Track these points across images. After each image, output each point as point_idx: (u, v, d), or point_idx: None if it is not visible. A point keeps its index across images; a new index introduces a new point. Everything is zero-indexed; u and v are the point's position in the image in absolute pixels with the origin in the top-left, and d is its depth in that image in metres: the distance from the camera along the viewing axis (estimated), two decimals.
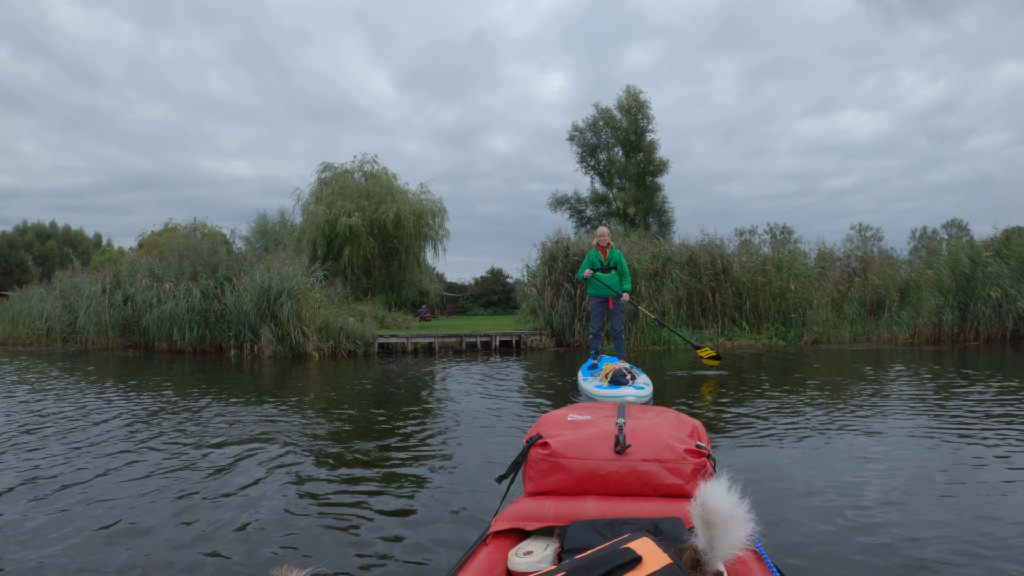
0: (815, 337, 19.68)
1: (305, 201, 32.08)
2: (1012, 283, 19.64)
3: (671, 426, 3.08)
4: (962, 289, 19.84)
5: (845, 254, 23.29)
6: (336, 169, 32.32)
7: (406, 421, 7.60)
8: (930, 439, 6.09)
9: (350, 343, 18.39)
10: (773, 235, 45.27)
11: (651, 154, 42.74)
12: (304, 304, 18.16)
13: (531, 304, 21.00)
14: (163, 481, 5.06)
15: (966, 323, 19.55)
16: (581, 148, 44.71)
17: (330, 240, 29.32)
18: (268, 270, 19.02)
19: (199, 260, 20.97)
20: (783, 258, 21.57)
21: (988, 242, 21.62)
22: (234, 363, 15.83)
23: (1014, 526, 3.88)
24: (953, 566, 3.30)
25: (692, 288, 20.53)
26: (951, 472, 5.03)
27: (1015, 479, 4.82)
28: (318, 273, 20.74)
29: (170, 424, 7.41)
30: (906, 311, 19.92)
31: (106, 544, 3.78)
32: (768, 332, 20.17)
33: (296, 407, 8.65)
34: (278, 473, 5.30)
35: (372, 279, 30.57)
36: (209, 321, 19.04)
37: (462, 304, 54.52)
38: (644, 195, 42.38)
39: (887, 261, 22.92)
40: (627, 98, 43.19)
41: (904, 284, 21.01)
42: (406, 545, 3.76)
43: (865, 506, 4.26)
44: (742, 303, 20.76)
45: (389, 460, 5.75)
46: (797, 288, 20.73)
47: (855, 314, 20.80)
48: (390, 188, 31.20)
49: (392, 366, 14.78)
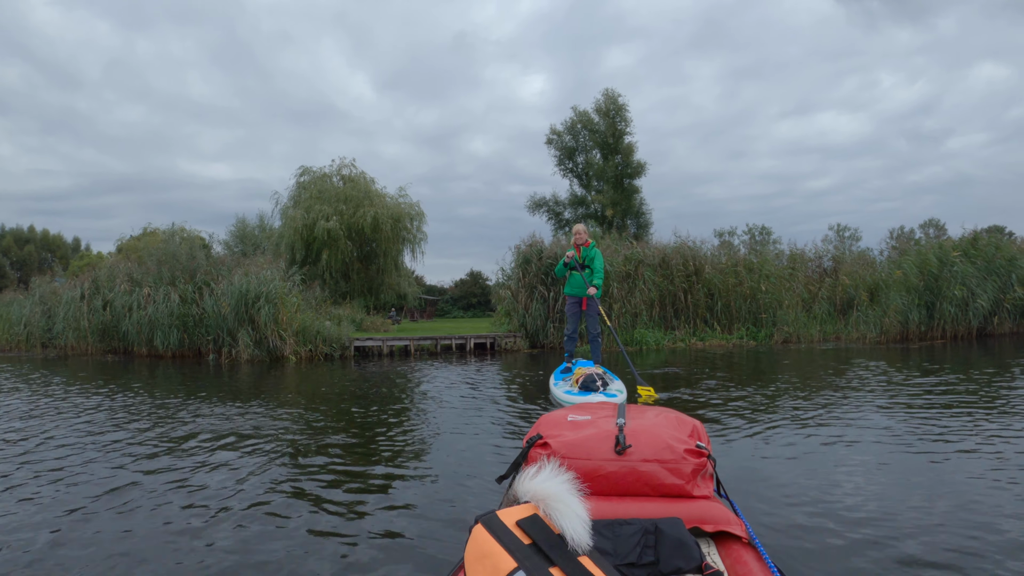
0: (785, 337, 20.30)
1: (284, 205, 32.53)
2: (977, 282, 20.30)
3: (671, 426, 3.14)
4: (929, 288, 20.44)
5: (816, 255, 24.09)
6: (314, 173, 32.74)
7: (383, 422, 7.94)
8: (899, 434, 6.41)
9: (326, 346, 18.82)
10: (752, 236, 46.25)
11: (629, 156, 43.61)
12: (281, 308, 18.59)
13: (506, 306, 21.57)
14: (140, 487, 5.13)
15: (933, 321, 20.21)
16: (559, 151, 45.60)
17: (308, 244, 29.71)
18: (246, 274, 19.39)
19: (177, 265, 21.32)
20: (754, 259, 22.21)
21: (956, 242, 22.31)
22: (212, 367, 16.22)
23: (995, 514, 4.09)
24: (951, 555, 3.45)
25: (664, 290, 21.14)
26: (926, 465, 5.29)
27: (971, 468, 5.16)
28: (295, 277, 21.19)
29: (146, 429, 7.61)
30: (873, 311, 20.59)
31: (86, 548, 3.85)
32: (739, 332, 20.80)
33: (273, 409, 9.04)
34: (261, 478, 5.40)
35: (351, 283, 31.01)
36: (188, 326, 19.40)
37: (441, 307, 54.80)
38: (622, 197, 43.19)
39: (863, 261, 23.65)
40: (605, 101, 44.08)
41: (873, 284, 21.70)
42: (396, 546, 3.85)
43: (850, 503, 4.39)
44: (714, 304, 21.39)
45: (369, 461, 5.96)
46: (768, 289, 21.37)
47: (824, 314, 21.47)
48: (368, 192, 31.66)
49: (368, 368, 15.27)
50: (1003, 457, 5.40)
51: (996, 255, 21.39)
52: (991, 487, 4.65)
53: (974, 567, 3.32)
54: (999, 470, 5.05)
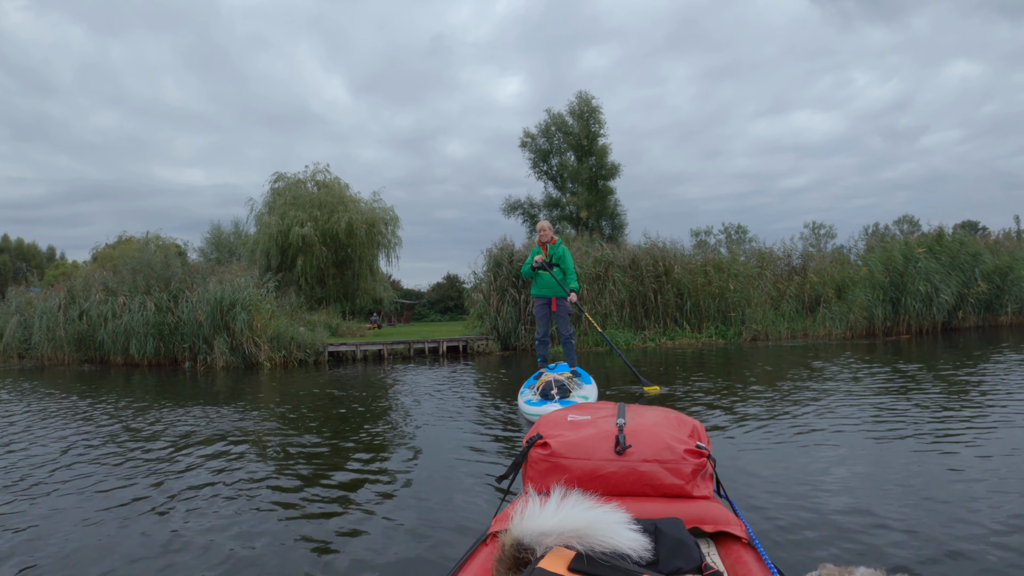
0: (753, 335, 20.86)
1: (258, 211, 32.88)
2: (941, 278, 20.98)
3: (671, 426, 3.15)
4: (894, 285, 21.08)
5: (784, 253, 24.79)
6: (289, 179, 33.11)
7: (357, 426, 8.25)
8: (872, 427, 6.72)
9: (301, 352, 19.28)
10: (728, 235, 47.05)
11: (603, 158, 44.45)
12: (256, 315, 19.06)
13: (478, 309, 22.13)
14: (113, 495, 5.23)
15: (898, 317, 20.90)
16: (533, 154, 46.29)
17: (284, 250, 30.07)
18: (221, 282, 19.84)
19: (152, 273, 21.65)
20: (724, 252, 22.86)
21: (921, 239, 23.06)
22: (189, 374, 16.63)
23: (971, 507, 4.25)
24: (952, 549, 3.54)
25: (634, 290, 21.71)
26: (904, 456, 5.54)
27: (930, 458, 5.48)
28: (270, 284, 21.62)
29: (119, 437, 7.80)
30: (840, 307, 21.28)
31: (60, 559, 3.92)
32: (708, 331, 21.35)
33: (246, 412, 9.50)
34: (240, 482, 5.53)
35: (326, 288, 31.41)
36: (163, 334, 19.77)
37: (419, 310, 55.03)
38: (596, 199, 44.01)
39: (838, 258, 24.37)
40: (579, 103, 44.82)
41: (841, 281, 22.39)
42: (382, 549, 3.92)
43: (841, 500, 4.50)
44: (683, 303, 21.94)
45: (344, 464, 6.15)
46: (736, 288, 21.97)
47: (793, 311, 22.15)
48: (342, 197, 32.08)
49: (342, 373, 15.78)
50: (988, 453, 5.58)
51: (960, 251, 22.08)
52: (976, 480, 4.84)
53: (973, 563, 3.40)
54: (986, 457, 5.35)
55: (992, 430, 6.30)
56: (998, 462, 5.22)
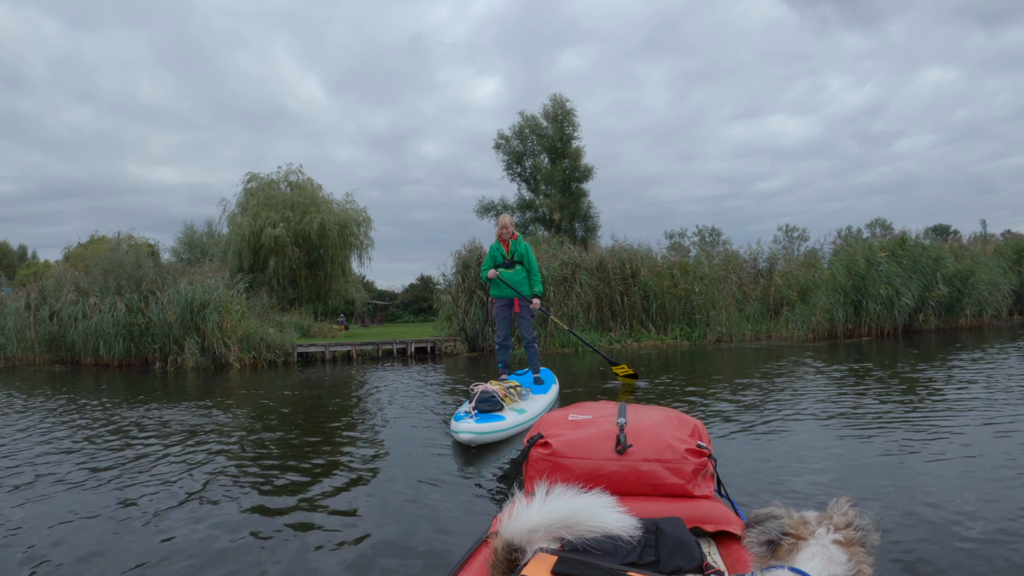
0: (718, 336, 21.57)
1: (231, 212, 33.10)
2: (903, 281, 21.77)
3: (672, 426, 3.21)
4: (856, 288, 21.84)
5: (751, 256, 25.54)
6: (262, 179, 33.36)
7: (327, 425, 8.60)
8: (836, 423, 7.19)
9: (270, 353, 19.73)
10: (702, 237, 47.89)
11: (576, 161, 45.22)
12: (226, 316, 19.50)
13: (447, 311, 22.70)
14: (83, 499, 5.28)
15: (860, 319, 21.65)
16: (507, 156, 46.87)
17: (256, 251, 30.32)
18: (191, 283, 20.25)
19: (123, 274, 21.94)
20: (688, 262, 23.60)
21: (884, 243, 23.87)
22: (159, 375, 17.02)
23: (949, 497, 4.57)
24: (944, 546, 3.67)
25: (601, 292, 22.38)
26: (873, 451, 5.90)
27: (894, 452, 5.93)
28: (240, 285, 22.04)
29: (88, 438, 7.91)
30: (802, 310, 22.04)
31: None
32: (673, 333, 22.02)
33: (216, 414, 9.81)
34: (213, 485, 5.62)
35: (298, 289, 31.72)
36: (134, 335, 20.14)
37: (392, 312, 55.29)
38: (569, 201, 44.75)
39: (811, 260, 25.14)
40: (553, 106, 45.47)
41: (805, 284, 23.15)
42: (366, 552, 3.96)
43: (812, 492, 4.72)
44: (649, 306, 22.61)
45: (315, 461, 6.38)
46: (701, 290, 22.62)
47: (757, 313, 22.88)
48: (315, 198, 32.39)
49: (310, 374, 16.28)
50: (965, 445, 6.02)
51: (923, 255, 22.86)
52: (952, 472, 5.21)
53: (972, 559, 3.52)
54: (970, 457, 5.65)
55: (945, 425, 6.86)
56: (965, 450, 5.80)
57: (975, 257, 24.48)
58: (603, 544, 2.11)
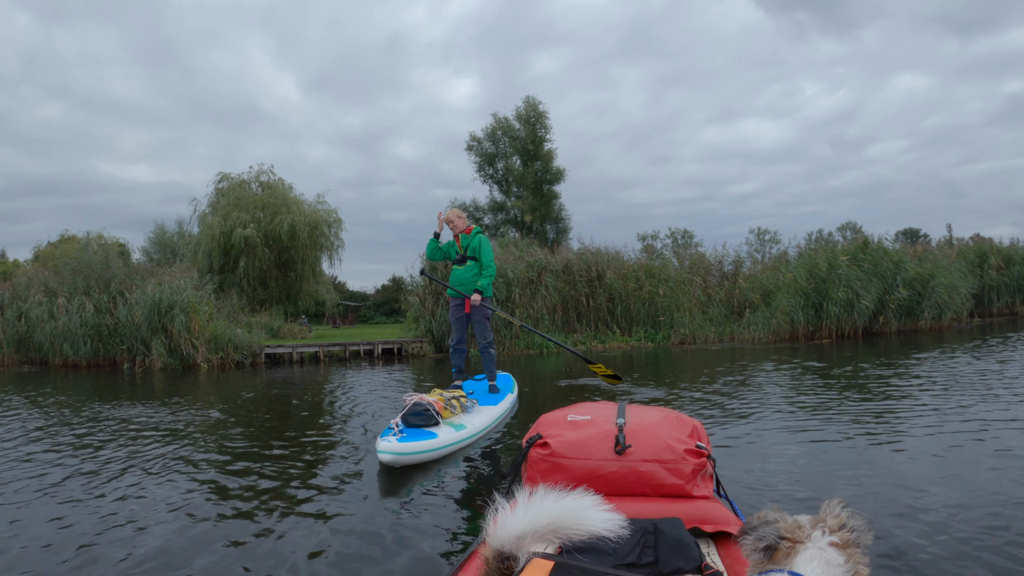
0: (681, 338, 22.19)
1: (202, 212, 33.17)
2: (862, 284, 22.48)
3: (671, 426, 3.22)
4: (817, 291, 22.51)
5: (716, 259, 26.24)
6: (233, 179, 33.52)
7: (291, 424, 8.90)
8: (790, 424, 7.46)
9: (238, 354, 20.12)
10: (675, 240, 48.74)
11: (548, 163, 45.86)
12: (194, 317, 19.87)
13: (414, 312, 23.23)
14: (46, 499, 5.43)
15: (821, 322, 22.35)
16: (479, 157, 47.38)
17: (226, 251, 30.50)
18: (160, 284, 20.59)
19: (92, 274, 22.24)
20: (653, 265, 24.29)
21: (846, 246, 24.62)
22: (127, 376, 17.36)
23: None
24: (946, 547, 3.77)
25: (567, 295, 22.95)
26: (843, 450, 6.18)
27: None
28: (209, 286, 22.39)
29: (52, 440, 8.09)
30: (764, 312, 22.75)
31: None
32: (638, 334, 22.66)
33: (182, 414, 10.15)
34: (166, 487, 5.76)
35: (269, 290, 31.97)
36: (102, 335, 20.46)
37: (364, 313, 55.39)
38: (541, 203, 45.40)
39: (782, 263, 25.75)
40: (526, 108, 46.07)
41: (768, 287, 23.87)
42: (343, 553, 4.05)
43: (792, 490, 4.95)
44: (614, 308, 23.23)
45: (275, 466, 6.46)
46: (666, 293, 23.25)
47: (721, 316, 23.59)
48: (285, 199, 32.61)
49: (277, 375, 16.71)
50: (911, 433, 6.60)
51: (884, 259, 23.52)
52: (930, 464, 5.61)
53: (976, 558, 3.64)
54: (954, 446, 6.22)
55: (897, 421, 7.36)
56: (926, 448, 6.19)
57: (936, 261, 25.19)
58: (601, 545, 2.14)
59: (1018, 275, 29.65)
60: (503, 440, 7.32)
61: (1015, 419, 7.17)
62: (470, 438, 7.02)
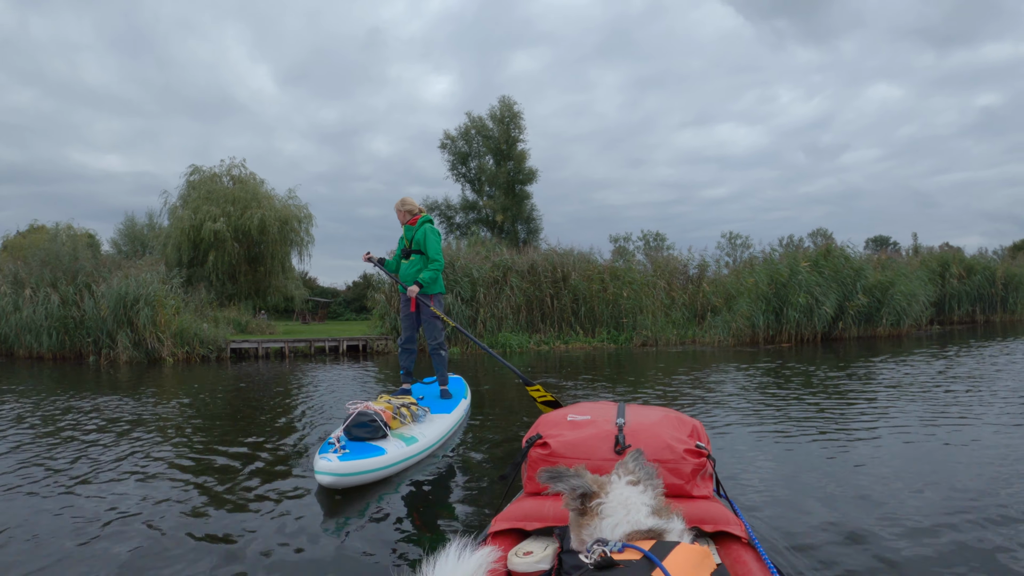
0: (643, 340, 22.80)
1: (172, 204, 33.40)
2: (822, 290, 23.16)
3: (671, 426, 3.23)
4: (778, 296, 23.11)
5: (681, 263, 26.92)
6: (204, 172, 33.74)
7: (256, 420, 8.98)
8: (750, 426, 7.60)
9: (203, 348, 20.52)
10: (647, 242, 49.48)
11: (521, 163, 46.58)
12: (160, 310, 20.22)
13: (380, 309, 23.75)
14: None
15: (781, 326, 23.03)
16: (453, 156, 47.96)
17: (196, 245, 30.78)
18: (126, 277, 20.96)
19: (60, 266, 22.55)
20: (618, 267, 24.95)
21: (808, 253, 25.33)
22: (92, 368, 17.70)
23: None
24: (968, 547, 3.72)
25: (532, 295, 23.54)
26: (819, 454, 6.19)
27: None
28: (175, 280, 22.76)
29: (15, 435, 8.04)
30: (725, 316, 23.43)
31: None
32: (601, 335, 23.29)
33: (143, 407, 10.29)
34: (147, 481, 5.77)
35: (238, 285, 32.28)
36: (68, 327, 20.77)
37: (334, 309, 55.83)
38: (513, 203, 46.10)
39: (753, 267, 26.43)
40: (501, 108, 46.74)
41: (730, 291, 24.56)
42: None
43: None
44: (578, 309, 23.89)
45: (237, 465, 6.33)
46: (629, 295, 23.91)
47: (683, 319, 24.27)
48: (256, 193, 32.89)
49: (242, 370, 17.11)
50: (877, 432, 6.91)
51: (845, 266, 24.23)
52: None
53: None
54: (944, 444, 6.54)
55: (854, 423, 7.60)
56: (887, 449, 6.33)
57: (897, 269, 25.97)
58: None
59: (979, 284, 30.74)
60: (461, 452, 6.74)
61: (963, 417, 7.62)
62: (423, 452, 6.27)
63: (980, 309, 31.22)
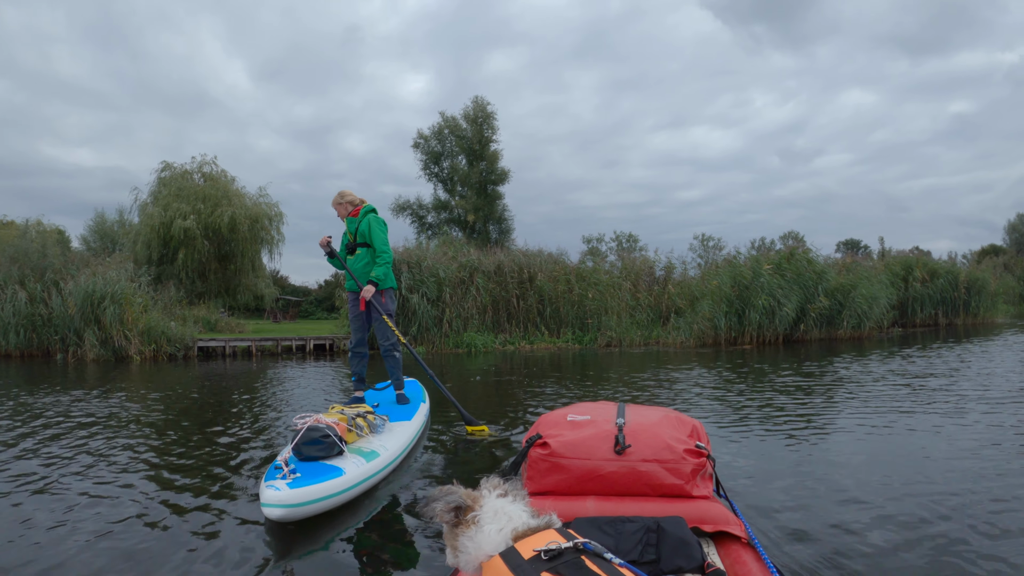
0: (608, 341, 23.37)
1: (143, 201, 33.50)
2: (784, 293, 23.76)
3: (671, 426, 3.27)
4: (741, 298, 23.66)
5: (646, 265, 27.50)
6: (175, 169, 33.82)
7: (223, 418, 9.05)
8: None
9: (170, 346, 20.82)
10: (620, 243, 50.15)
11: (494, 163, 47.08)
12: (127, 308, 20.54)
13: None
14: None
15: (743, 328, 23.64)
16: (425, 155, 48.34)
17: (166, 242, 30.88)
18: (94, 274, 21.24)
19: (28, 263, 22.82)
20: (584, 269, 25.60)
21: (771, 256, 25.99)
22: (60, 366, 17.99)
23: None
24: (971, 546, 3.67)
25: (498, 296, 24.09)
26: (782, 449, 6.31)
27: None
28: (143, 278, 23.02)
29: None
30: (688, 317, 24.05)
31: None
32: (566, 336, 23.86)
33: (109, 405, 10.42)
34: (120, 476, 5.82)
35: (207, 283, 32.46)
36: (36, 325, 21.08)
37: (305, 308, 55.85)
38: (484, 203, 46.61)
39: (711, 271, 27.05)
40: (474, 108, 47.20)
41: (695, 293, 25.17)
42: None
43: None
44: (544, 309, 24.47)
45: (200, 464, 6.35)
46: (595, 296, 24.48)
47: (648, 320, 24.89)
48: (227, 191, 33.01)
49: (208, 369, 17.43)
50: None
51: (807, 269, 24.86)
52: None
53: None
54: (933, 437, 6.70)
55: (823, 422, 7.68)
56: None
57: (860, 272, 26.67)
58: (604, 540, 2.30)
59: (942, 288, 31.59)
60: (429, 462, 6.21)
61: (912, 411, 8.01)
62: (387, 467, 5.41)
63: (943, 312, 32.00)
